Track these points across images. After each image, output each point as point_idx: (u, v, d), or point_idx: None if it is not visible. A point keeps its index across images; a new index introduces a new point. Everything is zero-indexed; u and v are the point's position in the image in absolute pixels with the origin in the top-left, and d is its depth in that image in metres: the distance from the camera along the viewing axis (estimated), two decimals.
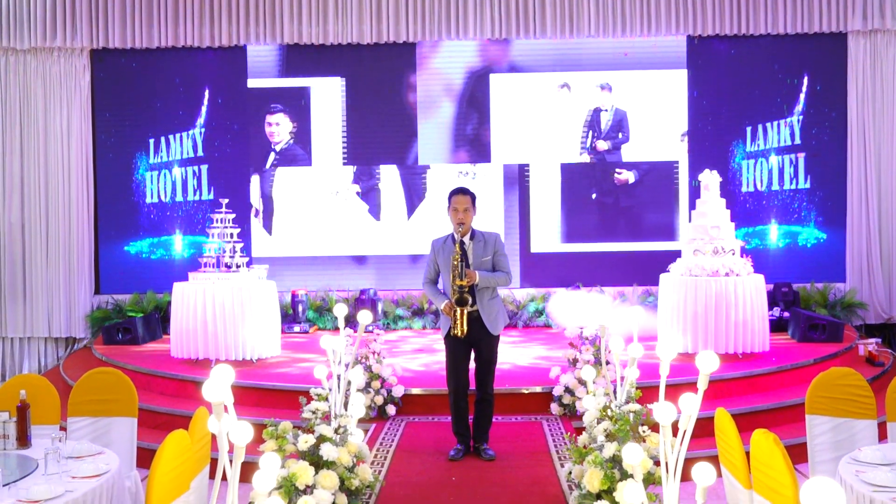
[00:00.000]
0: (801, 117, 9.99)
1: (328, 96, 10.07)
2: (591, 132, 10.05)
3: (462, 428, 5.55)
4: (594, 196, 10.05)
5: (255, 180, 10.16)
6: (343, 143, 10.09)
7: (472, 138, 10.11)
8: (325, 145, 10.12)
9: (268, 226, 10.21)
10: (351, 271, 10.09)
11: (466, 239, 5.36)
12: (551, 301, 9.24)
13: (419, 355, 8.01)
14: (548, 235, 10.07)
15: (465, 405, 5.53)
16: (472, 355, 5.51)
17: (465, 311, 5.24)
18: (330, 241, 10.07)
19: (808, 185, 10.00)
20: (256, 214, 10.18)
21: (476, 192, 5.66)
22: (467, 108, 10.09)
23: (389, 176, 10.10)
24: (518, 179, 10.07)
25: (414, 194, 10.11)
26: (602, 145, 10.02)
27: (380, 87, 10.07)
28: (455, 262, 5.22)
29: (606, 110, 10.04)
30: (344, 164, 10.09)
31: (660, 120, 10.04)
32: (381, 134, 10.09)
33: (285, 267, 9.90)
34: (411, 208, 10.12)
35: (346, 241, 10.10)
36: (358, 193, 10.09)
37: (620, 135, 10.04)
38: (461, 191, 5.37)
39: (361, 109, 10.08)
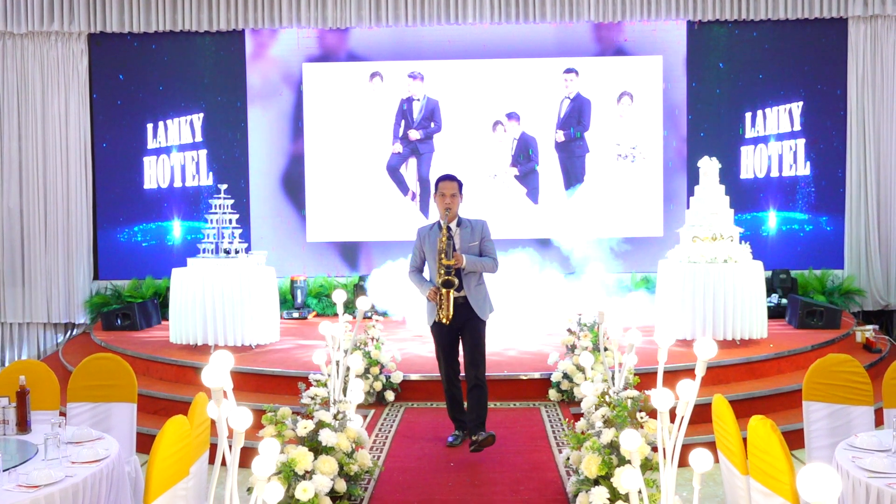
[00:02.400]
0: (800, 103, 9.96)
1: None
2: (403, 121, 10.07)
3: (458, 413, 5.54)
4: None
5: (412, 163, 10.12)
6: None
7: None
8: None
9: (425, 209, 10.13)
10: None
11: (453, 225, 5.29)
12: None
13: (418, 341, 8.02)
14: None
15: (458, 391, 5.50)
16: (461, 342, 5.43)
17: (451, 295, 5.17)
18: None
19: (807, 172, 9.99)
20: (413, 198, 10.14)
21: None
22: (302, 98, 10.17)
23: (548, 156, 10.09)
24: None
25: (572, 176, 10.08)
26: (414, 135, 10.04)
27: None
28: (441, 246, 5.17)
29: (418, 100, 10.04)
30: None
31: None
32: None
33: None
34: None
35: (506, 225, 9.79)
36: (516, 177, 10.04)
37: (433, 124, 10.05)
38: (448, 177, 5.33)
39: None
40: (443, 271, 5.17)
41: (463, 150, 10.02)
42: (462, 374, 5.52)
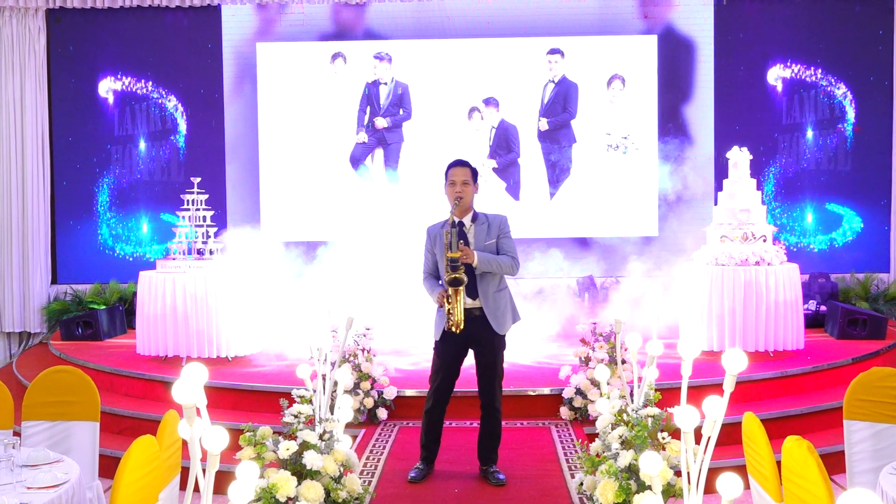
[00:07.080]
0: (843, 89, 9.96)
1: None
2: (369, 108, 10.11)
3: (433, 443, 5.34)
4: None
5: (378, 154, 10.13)
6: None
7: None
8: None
9: None
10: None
11: (467, 220, 5.08)
12: None
13: (413, 353, 8.03)
14: None
15: (441, 417, 5.31)
16: (465, 361, 5.20)
17: (462, 296, 4.92)
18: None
19: (850, 165, 10.00)
20: None
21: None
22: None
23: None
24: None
25: (557, 169, 10.09)
26: (381, 122, 10.08)
27: None
28: (447, 239, 4.91)
29: (386, 83, 10.07)
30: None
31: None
32: None
33: None
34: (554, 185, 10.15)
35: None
36: (494, 169, 10.05)
37: (402, 111, 10.09)
38: (459, 163, 5.11)
39: None
40: (448, 266, 4.89)
41: (436, 139, 10.00)
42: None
